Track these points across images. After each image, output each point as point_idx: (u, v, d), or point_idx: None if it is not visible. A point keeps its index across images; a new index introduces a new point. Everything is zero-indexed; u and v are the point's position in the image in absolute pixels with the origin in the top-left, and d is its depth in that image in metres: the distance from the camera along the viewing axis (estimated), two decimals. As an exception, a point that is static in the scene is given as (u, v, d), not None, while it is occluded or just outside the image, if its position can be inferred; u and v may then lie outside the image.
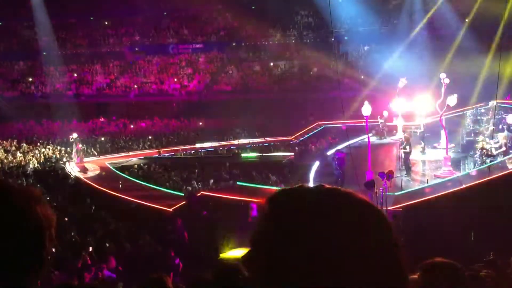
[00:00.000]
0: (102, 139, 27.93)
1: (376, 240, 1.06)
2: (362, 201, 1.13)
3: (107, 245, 13.17)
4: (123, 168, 23.63)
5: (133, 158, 25.70)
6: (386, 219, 1.12)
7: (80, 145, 24.67)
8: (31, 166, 24.41)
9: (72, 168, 23.28)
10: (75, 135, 24.71)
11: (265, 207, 1.14)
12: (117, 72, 42.06)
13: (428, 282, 2.15)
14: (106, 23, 43.83)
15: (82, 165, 22.96)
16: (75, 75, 41.59)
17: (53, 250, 12.52)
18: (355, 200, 1.12)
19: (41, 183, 21.11)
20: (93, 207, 17.62)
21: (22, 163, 24.89)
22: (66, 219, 16.44)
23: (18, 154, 26.69)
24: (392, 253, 1.08)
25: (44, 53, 41.92)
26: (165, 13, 42.68)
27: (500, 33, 26.66)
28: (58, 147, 28.17)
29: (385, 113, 24.16)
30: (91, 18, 43.18)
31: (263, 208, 1.14)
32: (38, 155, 26.51)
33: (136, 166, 23.77)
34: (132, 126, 34.27)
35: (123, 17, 42.75)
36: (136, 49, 42.86)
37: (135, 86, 40.04)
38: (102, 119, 36.22)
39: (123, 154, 26.31)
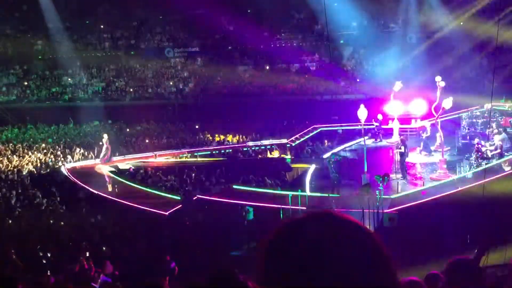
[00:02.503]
0: (100, 143, 27.84)
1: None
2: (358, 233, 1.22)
3: (103, 249, 13.15)
4: (119, 172, 23.59)
5: (129, 161, 25.64)
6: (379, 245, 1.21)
7: (109, 145, 25.06)
8: (26, 170, 24.31)
9: (100, 168, 23.70)
10: (106, 136, 24.99)
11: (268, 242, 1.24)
12: (112, 75, 41.98)
13: None
14: (102, 26, 43.73)
15: (109, 164, 23.34)
16: (70, 79, 41.46)
17: (49, 255, 12.52)
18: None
19: (38, 187, 21.03)
20: (89, 211, 17.58)
21: (19, 167, 24.79)
22: (62, 223, 16.42)
23: (14, 158, 26.59)
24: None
25: (40, 57, 41.86)
26: (160, 17, 42.65)
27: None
28: (54, 151, 28.05)
29: (380, 117, 24.23)
30: (87, 22, 43.11)
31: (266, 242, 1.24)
32: (34, 159, 26.40)
33: (132, 169, 23.74)
34: (128, 130, 34.18)
35: (119, 20, 42.70)
36: (132, 52, 42.79)
37: (131, 90, 39.96)
38: (99, 123, 36.09)
39: (119, 158, 26.23)
